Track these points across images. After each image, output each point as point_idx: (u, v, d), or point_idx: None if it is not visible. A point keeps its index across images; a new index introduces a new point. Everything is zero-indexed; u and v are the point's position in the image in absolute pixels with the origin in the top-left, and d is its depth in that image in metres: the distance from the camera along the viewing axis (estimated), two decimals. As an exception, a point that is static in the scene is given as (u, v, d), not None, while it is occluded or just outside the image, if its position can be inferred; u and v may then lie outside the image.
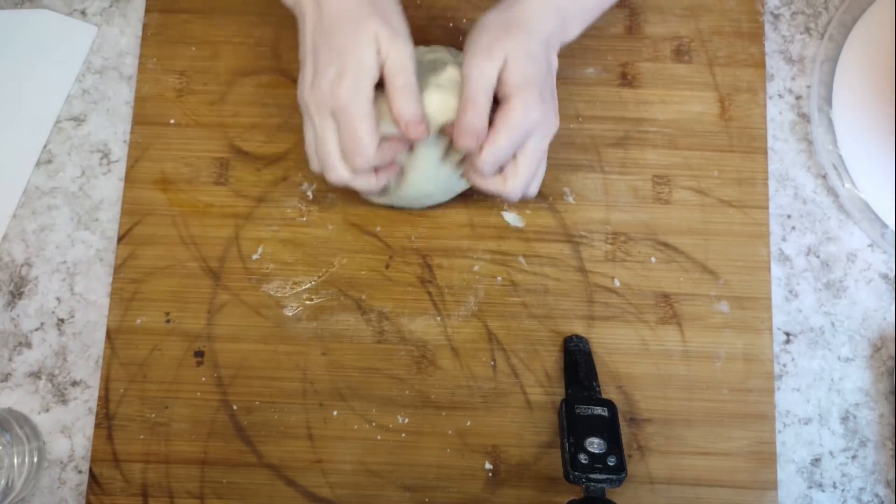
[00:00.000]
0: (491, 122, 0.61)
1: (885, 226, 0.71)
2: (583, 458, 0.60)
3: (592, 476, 0.59)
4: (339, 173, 0.62)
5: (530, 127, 0.61)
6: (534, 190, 0.66)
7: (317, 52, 0.60)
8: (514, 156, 0.63)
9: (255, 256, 0.71)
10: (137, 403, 0.68)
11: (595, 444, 0.61)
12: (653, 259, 0.71)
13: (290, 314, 0.70)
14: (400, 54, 0.59)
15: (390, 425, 0.68)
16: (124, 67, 0.76)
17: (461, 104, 0.61)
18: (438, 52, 0.67)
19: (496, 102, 0.61)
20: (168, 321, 0.70)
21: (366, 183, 0.63)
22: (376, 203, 0.70)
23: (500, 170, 0.63)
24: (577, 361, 0.67)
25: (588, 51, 0.75)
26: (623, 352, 0.69)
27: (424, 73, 0.64)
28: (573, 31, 0.64)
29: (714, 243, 0.71)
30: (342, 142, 0.60)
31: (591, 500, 0.59)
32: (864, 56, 0.74)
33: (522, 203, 0.72)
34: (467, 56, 0.61)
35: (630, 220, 0.72)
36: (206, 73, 0.75)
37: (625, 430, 0.67)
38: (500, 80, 0.60)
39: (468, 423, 0.68)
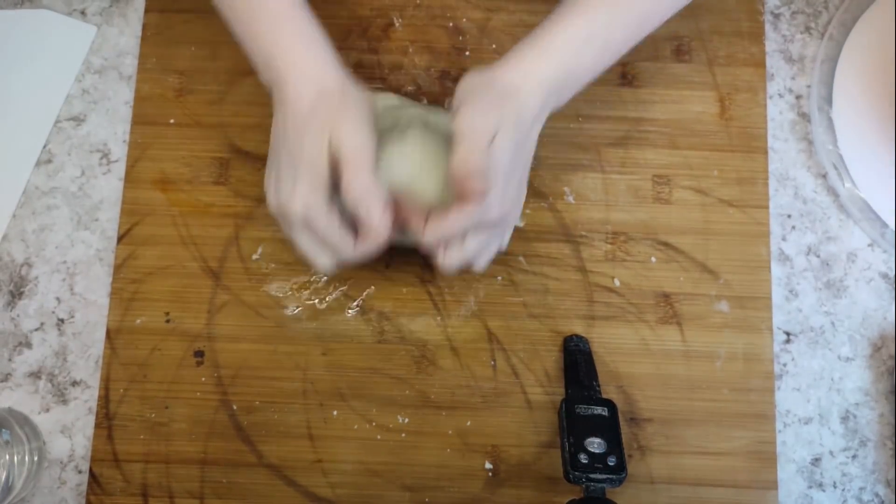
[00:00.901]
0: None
1: (885, 225, 0.71)
2: (583, 458, 0.60)
3: (592, 476, 0.59)
4: (330, 264, 0.61)
5: (485, 221, 0.59)
6: (480, 266, 0.64)
7: (279, 158, 0.59)
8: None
9: (255, 256, 0.71)
10: (137, 403, 0.68)
11: (595, 444, 0.61)
12: (653, 259, 0.71)
13: (290, 314, 0.70)
14: (349, 142, 0.57)
15: (390, 425, 0.68)
16: (124, 67, 0.76)
17: (462, 150, 0.57)
18: (402, 108, 0.66)
19: None
20: (168, 321, 0.70)
21: (369, 251, 0.60)
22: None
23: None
24: (577, 361, 0.67)
25: (588, 50, 0.74)
26: (623, 352, 0.69)
27: (387, 128, 0.63)
28: (565, 97, 0.62)
29: (714, 243, 0.71)
30: (318, 245, 0.60)
31: (591, 500, 0.59)
32: (864, 56, 0.74)
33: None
34: (461, 113, 0.58)
35: (630, 220, 0.72)
36: (206, 73, 0.75)
37: (625, 430, 0.67)
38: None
39: (468, 423, 0.68)
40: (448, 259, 0.61)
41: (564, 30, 0.60)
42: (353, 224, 0.60)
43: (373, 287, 0.70)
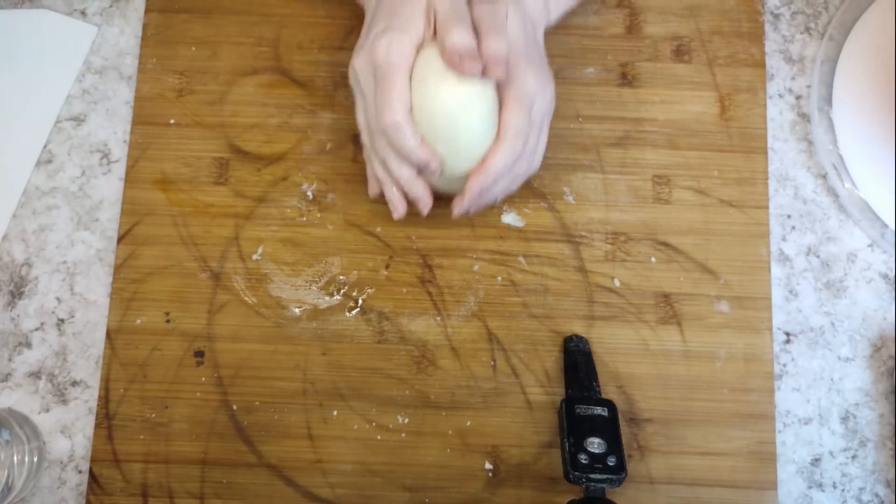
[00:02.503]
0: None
1: (885, 226, 0.71)
2: (583, 458, 0.60)
3: (592, 476, 0.59)
4: (387, 123, 0.61)
5: (518, 152, 0.61)
6: (536, 164, 0.66)
7: (374, 17, 0.62)
8: None
9: (255, 256, 0.71)
10: (137, 403, 0.68)
11: (595, 444, 0.61)
12: (653, 259, 0.71)
13: (290, 314, 0.70)
14: (446, 2, 0.59)
15: (390, 425, 0.68)
16: (124, 67, 0.76)
17: (483, 33, 0.59)
18: None
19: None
20: (168, 321, 0.70)
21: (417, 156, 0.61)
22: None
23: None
24: (577, 361, 0.67)
25: (588, 51, 0.75)
26: (623, 352, 0.69)
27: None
28: (553, 14, 0.66)
29: (714, 243, 0.71)
30: (375, 98, 0.60)
31: (591, 500, 0.59)
32: (864, 56, 0.74)
33: (522, 203, 0.71)
34: (473, 4, 0.61)
35: (630, 220, 0.72)
36: (206, 73, 0.75)
37: (625, 430, 0.67)
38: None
39: (468, 423, 0.68)
40: (501, 186, 0.64)
41: None
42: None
43: (373, 287, 0.70)
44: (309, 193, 0.72)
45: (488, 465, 0.67)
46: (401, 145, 0.61)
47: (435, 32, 0.60)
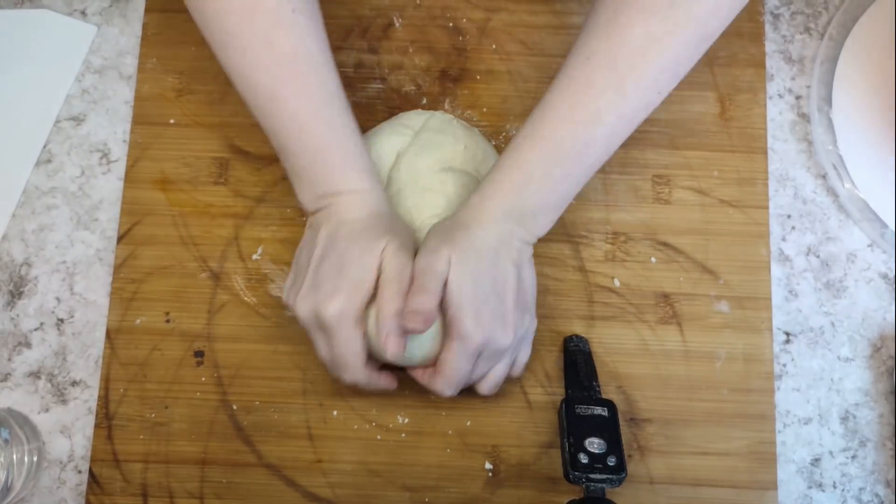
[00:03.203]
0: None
1: (885, 226, 0.71)
2: (583, 458, 0.60)
3: (592, 476, 0.59)
4: (345, 378, 0.62)
5: (473, 349, 0.59)
6: (486, 390, 0.64)
7: (321, 264, 0.60)
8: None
9: (255, 256, 0.71)
10: (137, 403, 0.68)
11: (595, 444, 0.61)
12: (653, 259, 0.71)
13: (290, 314, 0.70)
14: (397, 264, 0.59)
15: (390, 425, 0.68)
16: (124, 67, 0.76)
17: (411, 290, 0.59)
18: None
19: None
20: (168, 321, 0.70)
21: (375, 384, 0.63)
22: None
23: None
24: (577, 361, 0.67)
25: (588, 51, 0.74)
26: (623, 352, 0.69)
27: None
28: (540, 225, 0.62)
29: (714, 243, 0.71)
30: (332, 355, 0.61)
31: (591, 500, 0.59)
32: (864, 56, 0.74)
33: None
34: (417, 255, 0.60)
35: (630, 220, 0.71)
36: (206, 73, 0.75)
37: (625, 430, 0.67)
38: (443, 297, 0.59)
39: (468, 423, 0.68)
40: (445, 387, 0.62)
41: (518, 166, 0.61)
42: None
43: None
44: (309, 193, 0.72)
45: (488, 465, 0.67)
46: (366, 388, 0.63)
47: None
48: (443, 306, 0.59)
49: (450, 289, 0.59)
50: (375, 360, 0.63)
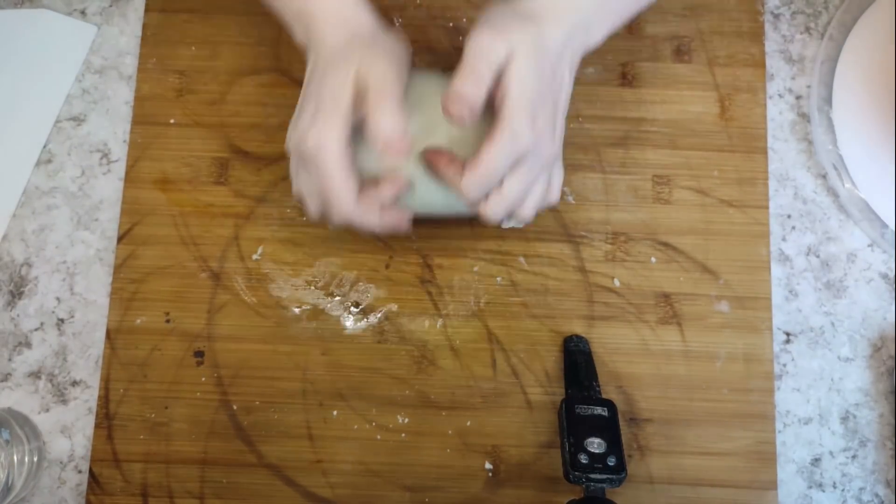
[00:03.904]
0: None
1: (885, 226, 0.71)
2: (583, 458, 0.60)
3: (592, 476, 0.59)
4: (336, 217, 0.58)
5: (519, 152, 0.55)
6: (526, 214, 0.60)
7: (303, 99, 0.58)
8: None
9: (255, 256, 0.71)
10: (137, 403, 0.68)
11: (595, 444, 0.61)
12: (653, 259, 0.71)
13: (290, 314, 0.70)
14: (378, 72, 0.55)
15: (390, 425, 0.68)
16: (124, 67, 0.76)
17: (458, 72, 0.54)
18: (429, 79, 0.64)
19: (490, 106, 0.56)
20: (168, 321, 0.70)
21: (369, 222, 0.58)
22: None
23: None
24: (577, 361, 0.67)
25: (588, 51, 0.75)
26: (623, 352, 0.69)
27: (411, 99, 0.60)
28: (596, 35, 0.59)
29: (714, 243, 0.71)
30: (318, 192, 0.57)
31: (591, 500, 0.59)
32: (864, 56, 0.74)
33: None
34: (471, 36, 0.55)
35: (630, 220, 0.72)
36: (205, 73, 0.75)
37: (625, 430, 0.67)
38: (497, 86, 0.55)
39: (468, 423, 0.68)
40: (491, 207, 0.57)
41: None
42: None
43: (373, 287, 0.70)
44: (309, 193, 0.72)
45: (488, 465, 0.67)
46: (361, 227, 0.59)
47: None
48: (494, 100, 0.55)
49: (509, 80, 0.54)
50: (375, 201, 0.58)
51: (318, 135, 0.55)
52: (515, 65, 0.54)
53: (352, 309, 0.70)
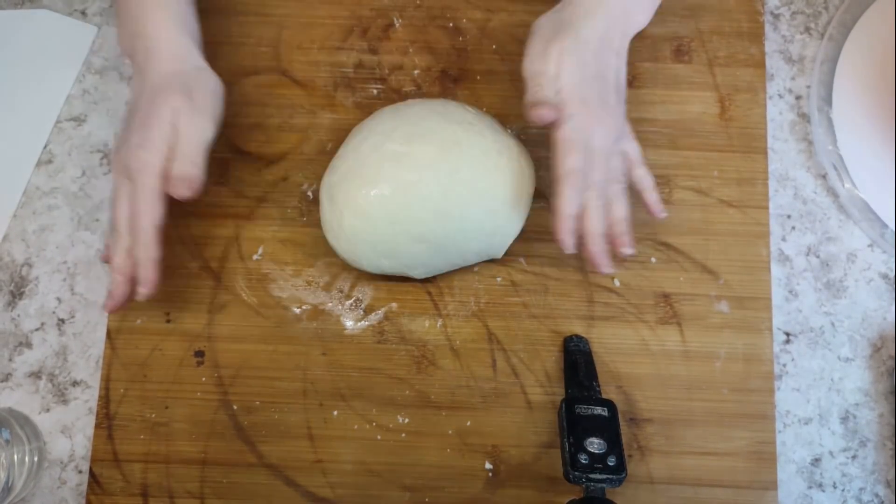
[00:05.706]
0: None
1: (885, 226, 0.71)
2: (583, 458, 0.60)
3: (592, 476, 0.59)
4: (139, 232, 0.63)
5: (582, 130, 0.62)
6: (618, 202, 0.65)
7: (131, 121, 0.64)
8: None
9: (255, 256, 0.71)
10: (137, 403, 0.68)
11: (595, 444, 0.61)
12: (653, 259, 0.71)
13: (290, 314, 0.70)
14: (192, 128, 0.63)
15: (390, 425, 0.68)
16: (124, 67, 0.76)
17: (528, 91, 0.64)
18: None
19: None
20: (168, 321, 0.70)
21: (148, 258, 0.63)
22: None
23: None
24: (577, 361, 0.67)
25: (588, 51, 0.74)
26: (623, 352, 0.69)
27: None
28: (639, 18, 0.66)
29: (714, 243, 0.71)
30: (131, 206, 0.63)
31: (591, 500, 0.59)
32: (864, 56, 0.74)
33: (522, 203, 0.71)
34: (526, 60, 0.64)
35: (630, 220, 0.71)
36: (206, 73, 0.75)
37: (625, 430, 0.67)
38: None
39: (468, 423, 0.68)
40: (592, 223, 0.63)
41: None
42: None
43: (373, 287, 0.70)
44: (309, 193, 0.72)
45: (488, 465, 0.67)
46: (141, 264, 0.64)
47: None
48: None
49: (561, 79, 0.62)
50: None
51: (141, 163, 0.62)
52: (562, 67, 0.62)
53: (352, 309, 0.70)
